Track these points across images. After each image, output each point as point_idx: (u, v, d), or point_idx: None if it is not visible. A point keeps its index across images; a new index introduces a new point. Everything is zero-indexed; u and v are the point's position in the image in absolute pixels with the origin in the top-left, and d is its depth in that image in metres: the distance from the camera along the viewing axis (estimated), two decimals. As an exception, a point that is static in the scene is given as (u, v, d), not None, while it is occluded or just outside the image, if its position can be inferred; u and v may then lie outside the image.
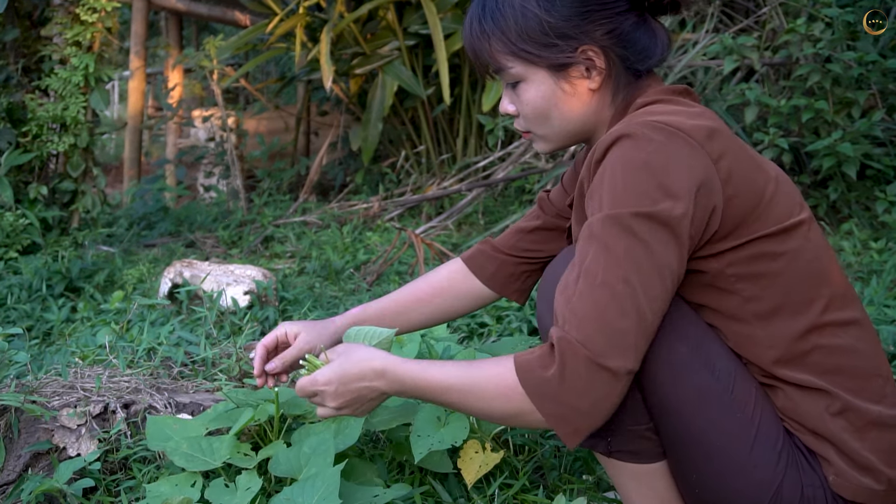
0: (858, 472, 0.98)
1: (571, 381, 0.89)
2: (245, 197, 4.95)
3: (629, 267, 0.90)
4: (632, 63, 1.07)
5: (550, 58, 1.05)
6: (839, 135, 3.33)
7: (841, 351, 1.00)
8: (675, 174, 0.93)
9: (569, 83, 1.08)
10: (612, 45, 1.05)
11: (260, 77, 11.31)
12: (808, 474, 1.00)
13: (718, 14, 4.44)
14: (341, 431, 1.35)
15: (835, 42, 3.47)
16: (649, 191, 0.92)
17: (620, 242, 0.91)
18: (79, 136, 3.76)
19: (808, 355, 1.00)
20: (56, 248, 3.62)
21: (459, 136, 5.08)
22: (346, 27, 4.73)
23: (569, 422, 0.91)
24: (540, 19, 1.04)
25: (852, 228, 3.39)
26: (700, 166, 0.95)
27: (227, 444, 1.34)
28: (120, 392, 1.61)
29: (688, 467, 1.04)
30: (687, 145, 0.95)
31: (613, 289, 0.90)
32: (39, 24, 3.92)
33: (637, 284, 0.90)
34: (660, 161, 0.93)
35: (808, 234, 1.02)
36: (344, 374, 1.06)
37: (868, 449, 0.98)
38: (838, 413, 0.99)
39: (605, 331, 0.89)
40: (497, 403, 0.95)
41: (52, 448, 1.44)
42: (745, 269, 0.99)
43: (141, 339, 2.18)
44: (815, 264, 1.01)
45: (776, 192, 1.01)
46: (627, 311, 0.89)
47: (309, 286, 3.11)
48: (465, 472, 1.35)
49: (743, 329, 1.01)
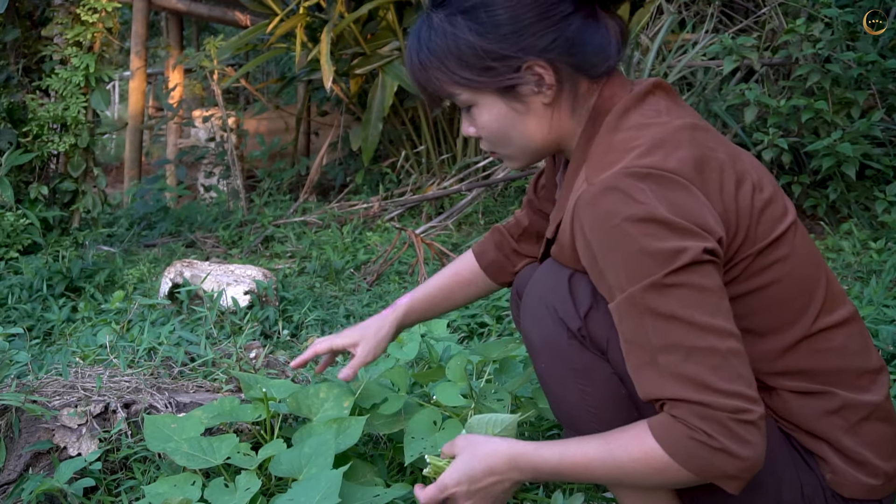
0: (854, 469, 0.98)
1: (730, 444, 0.87)
2: (245, 197, 4.96)
3: (692, 318, 0.88)
4: (586, 68, 1.01)
5: (493, 82, 1.00)
6: (839, 135, 3.34)
7: (833, 352, 1.00)
8: (683, 214, 0.90)
9: (521, 102, 1.02)
10: (559, 54, 0.99)
11: (260, 77, 11.31)
12: (806, 474, 1.00)
13: (718, 14, 4.44)
14: (342, 432, 1.35)
15: (834, 42, 3.48)
16: (668, 245, 0.88)
17: (672, 301, 0.88)
18: (79, 136, 3.76)
19: (801, 362, 0.99)
20: (57, 248, 3.62)
21: (459, 136, 5.08)
22: (346, 27, 4.73)
23: (736, 478, 0.89)
24: (473, 45, 0.99)
25: (852, 228, 3.39)
26: (698, 203, 0.92)
27: (228, 443, 1.34)
28: (120, 392, 1.61)
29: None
30: (679, 186, 0.91)
31: (697, 346, 0.88)
32: (40, 24, 3.92)
33: (712, 327, 0.88)
34: (661, 209, 0.89)
35: (794, 240, 1.00)
36: (473, 474, 1.00)
37: (862, 444, 0.98)
38: (833, 412, 0.99)
39: (720, 388, 0.87)
40: (650, 479, 0.92)
41: (52, 448, 1.45)
42: (736, 288, 0.97)
43: (141, 339, 2.18)
44: (802, 272, 1.00)
45: (763, 205, 0.98)
46: (722, 353, 0.88)
47: (309, 286, 3.12)
48: None
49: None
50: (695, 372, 0.87)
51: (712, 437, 0.86)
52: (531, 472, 0.99)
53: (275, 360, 2.10)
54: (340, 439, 1.33)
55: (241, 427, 1.53)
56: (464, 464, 1.00)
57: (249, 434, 1.53)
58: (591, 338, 1.01)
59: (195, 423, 1.41)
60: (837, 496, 0.99)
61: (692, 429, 0.87)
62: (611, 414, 1.01)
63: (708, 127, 1.03)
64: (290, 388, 1.49)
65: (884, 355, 2.05)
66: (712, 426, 0.86)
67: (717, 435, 0.86)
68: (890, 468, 0.99)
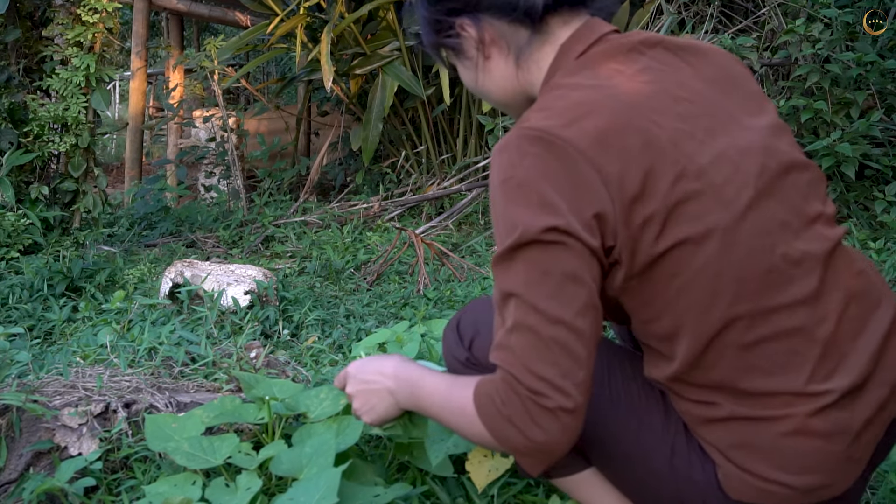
0: (746, 475, 0.94)
1: (520, 422, 0.88)
2: (246, 197, 4.96)
3: (526, 296, 0.88)
4: (507, 15, 1.01)
5: (440, 41, 1.08)
6: (838, 135, 3.34)
7: (743, 366, 0.93)
8: (552, 186, 0.88)
9: (469, 59, 1.07)
10: (481, 10, 1.02)
11: (260, 77, 11.32)
12: (698, 470, 0.98)
13: (718, 14, 4.45)
14: (342, 431, 1.35)
15: (834, 42, 3.48)
16: (526, 209, 0.88)
17: (512, 277, 0.89)
18: (80, 136, 3.77)
19: (705, 371, 0.94)
20: (57, 248, 3.63)
21: (459, 136, 5.08)
22: (346, 28, 4.73)
23: (526, 455, 0.91)
24: (424, 16, 1.08)
25: (851, 228, 3.39)
26: (580, 177, 0.88)
27: (229, 443, 1.35)
28: (121, 391, 1.62)
29: (604, 466, 1.09)
30: (566, 156, 0.88)
31: (526, 325, 0.88)
32: (41, 24, 3.93)
33: (547, 314, 0.87)
34: (533, 175, 0.88)
35: (721, 241, 0.90)
36: (367, 365, 1.16)
37: (755, 457, 0.93)
38: (720, 422, 0.95)
39: (535, 371, 0.87)
40: (464, 425, 0.96)
41: (53, 447, 1.45)
42: (635, 290, 0.94)
43: (142, 339, 2.19)
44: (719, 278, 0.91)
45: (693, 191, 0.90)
46: (545, 342, 0.87)
47: (309, 286, 3.12)
48: (474, 477, 1.35)
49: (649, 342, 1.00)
50: (516, 346, 0.88)
51: (506, 405, 0.89)
52: (402, 385, 1.10)
53: (275, 359, 2.11)
54: (341, 439, 1.33)
55: (241, 427, 1.53)
56: (369, 359, 1.18)
57: (250, 434, 1.53)
58: (477, 361, 1.15)
59: (196, 423, 1.41)
60: (729, 498, 0.96)
61: (497, 393, 0.90)
62: None
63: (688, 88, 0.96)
64: (290, 388, 1.50)
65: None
66: (510, 397, 0.88)
67: (510, 406, 0.88)
68: (803, 482, 0.93)
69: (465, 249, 3.78)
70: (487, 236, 3.95)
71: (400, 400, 1.12)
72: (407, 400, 1.11)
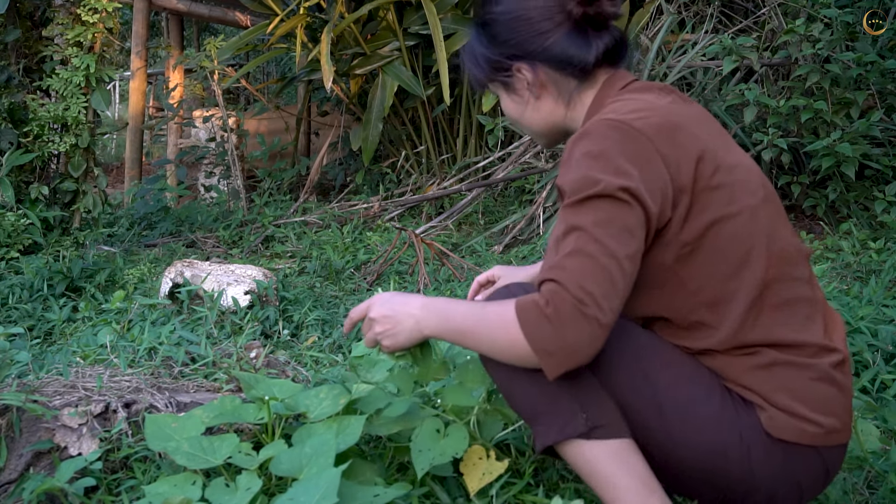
0: (787, 416, 1.11)
1: (558, 321, 1.03)
2: (246, 197, 4.96)
3: (590, 231, 1.05)
4: (565, 70, 1.26)
5: (494, 77, 1.31)
6: (838, 135, 3.34)
7: (776, 322, 1.13)
8: (627, 160, 1.09)
9: (518, 95, 1.31)
10: (540, 61, 1.26)
11: (260, 77, 11.32)
12: (745, 419, 1.12)
13: (718, 14, 4.45)
14: (342, 431, 1.35)
15: (834, 42, 3.48)
16: (605, 173, 1.07)
17: (581, 217, 1.07)
18: (80, 136, 3.77)
19: (748, 331, 1.13)
20: (57, 248, 3.63)
21: (459, 137, 5.08)
22: (346, 28, 4.73)
23: (552, 355, 1.04)
24: (480, 54, 1.31)
25: (851, 228, 3.40)
26: (649, 156, 1.10)
27: (229, 443, 1.35)
28: (121, 391, 1.62)
29: (644, 430, 1.15)
30: (638, 139, 1.11)
31: (586, 251, 1.04)
32: (41, 24, 3.93)
33: (606, 247, 1.04)
34: (613, 151, 1.09)
35: (747, 225, 1.13)
36: (393, 295, 1.25)
37: (794, 398, 1.11)
38: (764, 368, 1.13)
39: (584, 285, 1.03)
40: (499, 334, 1.09)
41: (53, 447, 1.45)
42: (689, 258, 1.13)
43: (142, 339, 2.19)
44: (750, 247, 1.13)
45: (718, 184, 1.13)
46: (602, 265, 1.04)
47: (309, 286, 3.12)
48: (468, 480, 1.35)
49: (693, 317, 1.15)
50: (570, 265, 1.04)
51: (549, 305, 1.03)
52: (433, 314, 1.19)
53: (275, 359, 2.11)
54: (340, 439, 1.33)
55: (241, 427, 1.53)
56: (395, 292, 1.26)
57: (250, 434, 1.53)
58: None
59: (196, 423, 1.41)
60: (774, 438, 1.11)
61: (541, 297, 1.05)
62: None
63: (704, 118, 1.20)
64: (290, 388, 1.50)
65: (883, 355, 2.05)
66: (555, 300, 1.03)
67: (552, 307, 1.03)
68: (828, 423, 1.11)
69: (465, 249, 3.78)
70: (487, 236, 3.96)
71: (425, 328, 1.20)
72: (435, 326, 1.19)
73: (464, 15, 4.75)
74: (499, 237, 3.94)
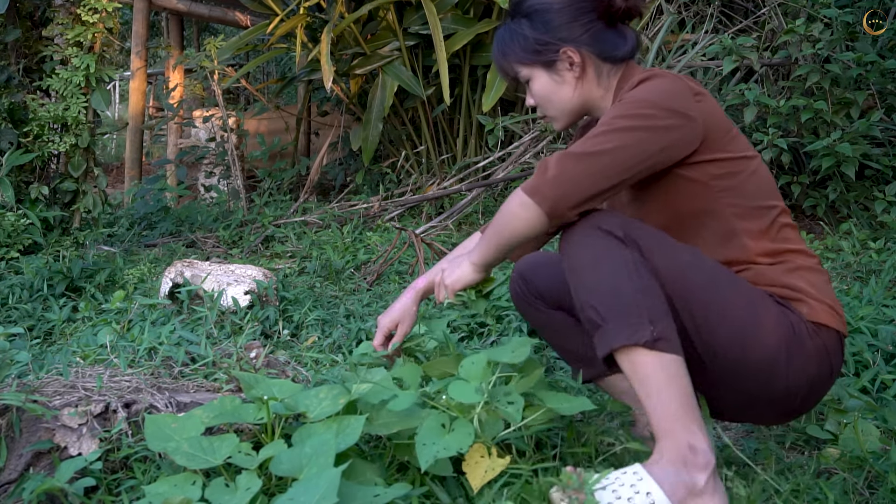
0: (819, 303, 1.36)
1: (552, 171, 1.33)
2: (245, 197, 4.96)
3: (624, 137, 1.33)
4: (604, 56, 1.49)
5: (541, 59, 1.51)
6: (838, 135, 3.34)
7: (794, 239, 1.43)
8: (681, 100, 1.36)
9: (558, 75, 1.51)
10: (585, 45, 1.48)
11: (260, 77, 11.33)
12: (790, 314, 1.34)
13: (718, 14, 4.45)
14: (342, 431, 1.35)
15: (834, 42, 3.48)
16: (661, 99, 1.35)
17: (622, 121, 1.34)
18: (80, 136, 3.77)
19: (769, 245, 1.40)
20: (57, 248, 3.63)
21: (459, 136, 5.08)
22: (346, 27, 4.73)
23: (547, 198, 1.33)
24: (528, 36, 1.51)
25: (851, 228, 3.40)
26: (690, 105, 1.37)
27: (229, 443, 1.35)
28: (121, 391, 1.62)
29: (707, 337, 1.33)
30: (687, 89, 1.39)
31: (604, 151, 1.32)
32: (41, 24, 3.93)
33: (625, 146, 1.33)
34: (672, 90, 1.37)
35: (759, 165, 1.44)
36: (449, 256, 1.66)
37: (815, 288, 1.38)
38: (792, 270, 1.39)
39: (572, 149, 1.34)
40: (515, 208, 1.37)
41: (53, 447, 1.45)
42: (720, 180, 1.39)
43: (142, 339, 2.19)
44: (768, 182, 1.44)
45: (737, 134, 1.44)
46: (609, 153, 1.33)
47: (309, 286, 3.12)
48: (470, 477, 1.35)
49: (728, 225, 1.40)
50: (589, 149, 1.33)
51: (548, 167, 1.35)
52: (475, 254, 1.52)
53: (275, 359, 2.11)
54: (340, 438, 1.33)
55: (241, 427, 1.53)
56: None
57: (250, 434, 1.53)
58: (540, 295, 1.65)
59: (196, 423, 1.41)
60: (815, 324, 1.35)
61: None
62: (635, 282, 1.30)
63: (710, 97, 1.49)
64: (290, 388, 1.50)
65: (883, 355, 2.05)
66: (553, 158, 1.35)
67: (550, 164, 1.35)
68: (840, 311, 1.39)
69: (465, 249, 3.77)
70: (487, 236, 3.95)
71: (475, 261, 1.52)
72: (479, 254, 1.50)
73: (464, 15, 4.75)
74: (499, 237, 3.94)
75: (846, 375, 2.02)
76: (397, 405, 1.46)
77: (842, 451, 1.57)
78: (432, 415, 1.40)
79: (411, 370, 1.56)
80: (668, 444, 1.21)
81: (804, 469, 1.48)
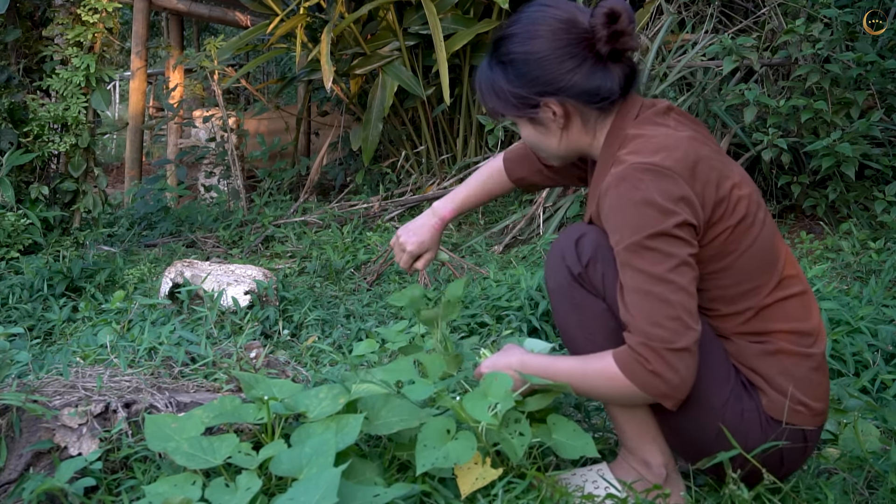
0: (781, 398, 1.29)
1: (661, 368, 1.21)
2: (246, 197, 4.96)
3: (658, 271, 1.22)
4: (589, 103, 1.37)
5: (521, 113, 1.41)
6: (838, 135, 3.34)
7: (784, 317, 1.32)
8: (667, 199, 1.23)
9: (542, 125, 1.42)
10: (566, 96, 1.36)
11: (260, 77, 11.32)
12: (747, 400, 1.31)
13: (718, 14, 4.45)
14: (342, 431, 1.35)
15: (834, 42, 3.48)
16: (653, 217, 1.23)
17: (645, 259, 1.23)
18: (80, 136, 3.77)
19: (757, 325, 1.31)
20: (57, 248, 3.63)
21: (459, 136, 5.08)
22: (346, 28, 4.73)
23: (668, 396, 1.23)
24: (504, 90, 1.39)
25: (851, 228, 3.40)
26: (682, 190, 1.25)
27: (229, 443, 1.35)
28: (121, 391, 1.62)
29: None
30: (670, 179, 1.24)
31: (654, 292, 1.21)
32: (41, 24, 3.93)
33: (669, 280, 1.21)
34: (653, 195, 1.23)
35: (762, 229, 1.31)
36: (495, 363, 1.44)
37: (792, 383, 1.29)
38: (771, 354, 1.31)
39: (662, 324, 1.21)
40: (607, 386, 1.28)
41: (53, 447, 1.45)
42: (711, 264, 1.29)
43: (142, 339, 2.19)
44: (764, 254, 1.31)
45: (738, 198, 1.29)
46: (670, 301, 1.21)
47: (309, 286, 3.12)
48: (460, 483, 1.35)
49: (711, 305, 1.33)
50: (647, 308, 1.22)
51: (649, 361, 1.21)
52: (532, 371, 1.39)
53: (275, 359, 2.11)
54: (340, 438, 1.33)
55: (241, 427, 1.53)
56: (495, 356, 1.47)
57: (250, 434, 1.53)
58: (589, 281, 1.35)
59: (196, 423, 1.41)
60: (771, 419, 1.30)
61: (637, 354, 1.22)
62: (601, 339, 1.33)
63: (707, 139, 1.36)
64: (290, 388, 1.50)
65: (883, 355, 2.05)
66: (650, 354, 1.21)
67: (652, 361, 1.21)
68: (818, 407, 1.31)
69: (466, 249, 3.78)
70: (487, 236, 3.96)
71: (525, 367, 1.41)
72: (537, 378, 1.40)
73: (464, 15, 4.75)
74: (499, 237, 3.94)
75: (846, 375, 2.02)
76: (414, 393, 1.46)
77: (842, 451, 1.57)
78: (440, 418, 1.40)
79: (435, 361, 1.57)
80: (628, 455, 1.41)
81: (804, 469, 1.48)
